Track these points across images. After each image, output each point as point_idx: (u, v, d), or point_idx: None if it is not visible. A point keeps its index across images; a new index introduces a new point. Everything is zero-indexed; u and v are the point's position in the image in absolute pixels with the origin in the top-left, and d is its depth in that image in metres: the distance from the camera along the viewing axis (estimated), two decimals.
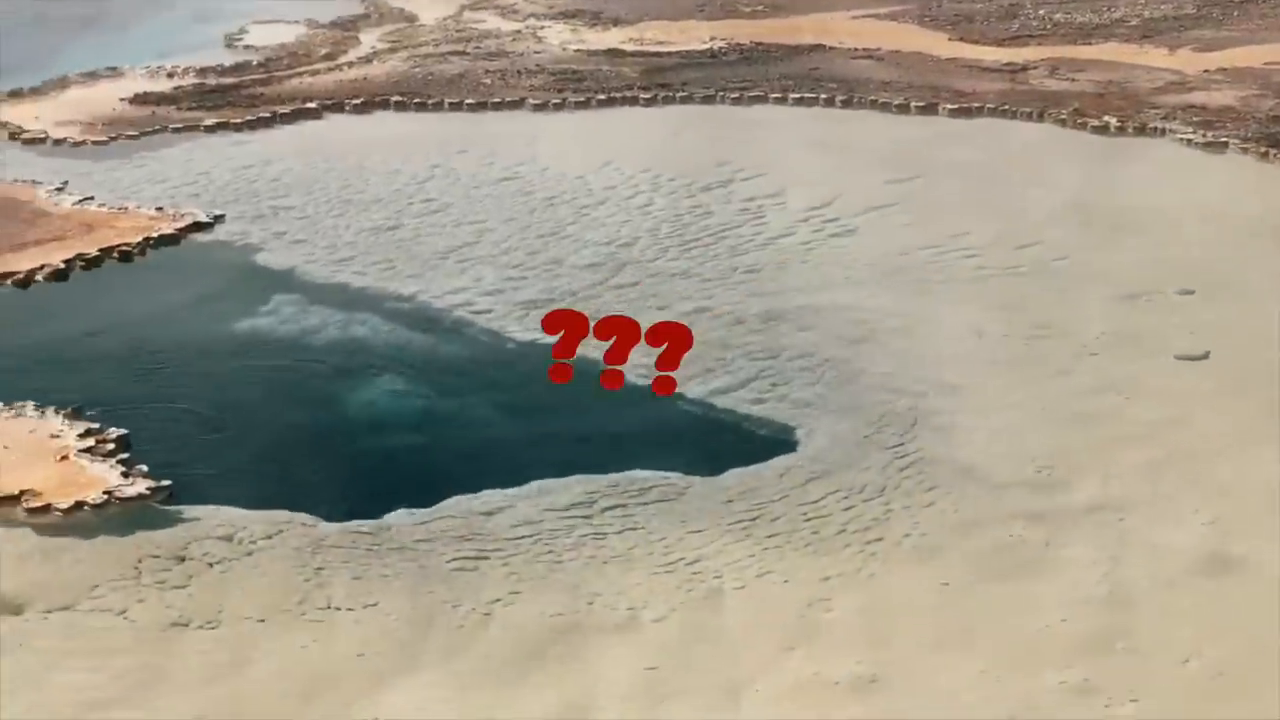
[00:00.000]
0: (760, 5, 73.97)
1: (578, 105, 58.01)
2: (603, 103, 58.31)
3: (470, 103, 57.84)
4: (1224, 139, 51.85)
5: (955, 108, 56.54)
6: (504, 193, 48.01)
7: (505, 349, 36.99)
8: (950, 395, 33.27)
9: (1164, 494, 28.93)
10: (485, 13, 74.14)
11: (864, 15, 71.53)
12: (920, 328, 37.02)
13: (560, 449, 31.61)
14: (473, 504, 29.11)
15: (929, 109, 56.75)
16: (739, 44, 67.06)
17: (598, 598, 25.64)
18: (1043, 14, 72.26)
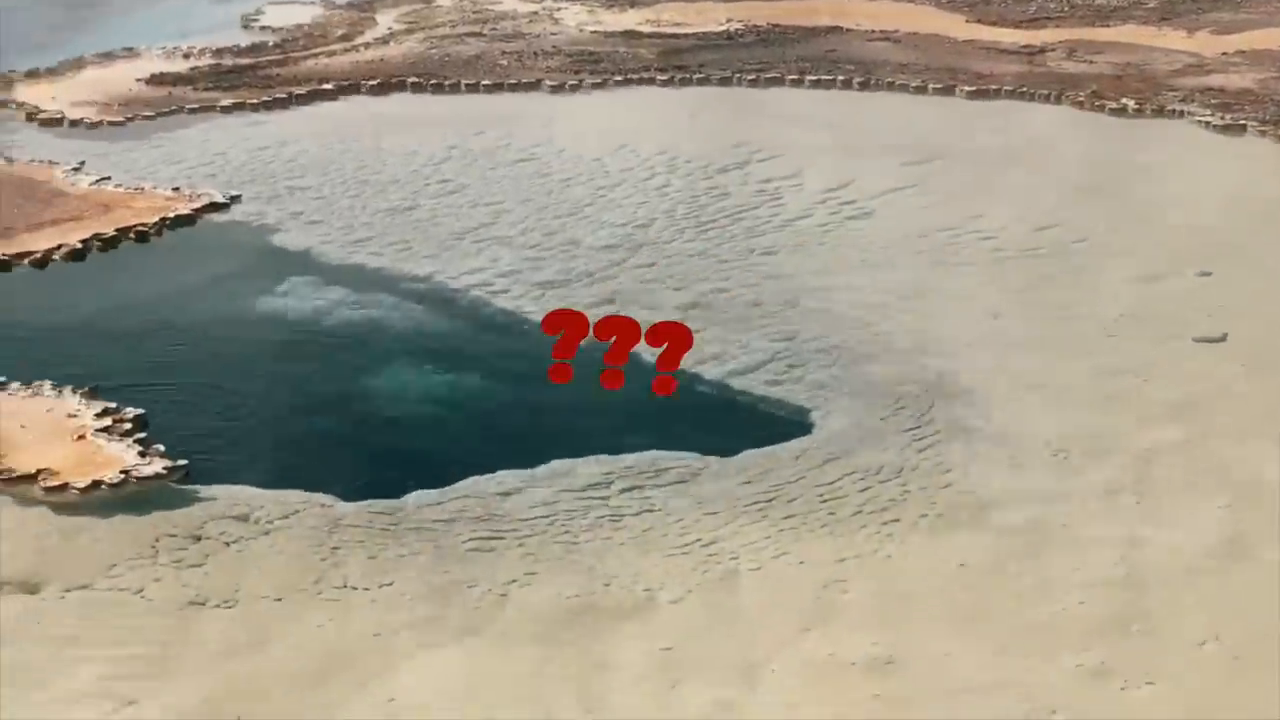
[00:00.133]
0: None
1: (594, 87, 57.99)
2: (619, 84, 58.31)
3: (487, 84, 57.83)
4: (1242, 121, 51.73)
5: (973, 90, 56.45)
6: (521, 174, 47.99)
7: (522, 329, 36.94)
8: (967, 377, 33.17)
9: (1181, 476, 28.84)
10: None
11: None
12: (937, 310, 36.95)
13: (577, 430, 31.55)
14: (489, 485, 29.05)
15: (946, 91, 56.68)
16: (756, 26, 67.05)
17: (614, 579, 25.60)
18: None
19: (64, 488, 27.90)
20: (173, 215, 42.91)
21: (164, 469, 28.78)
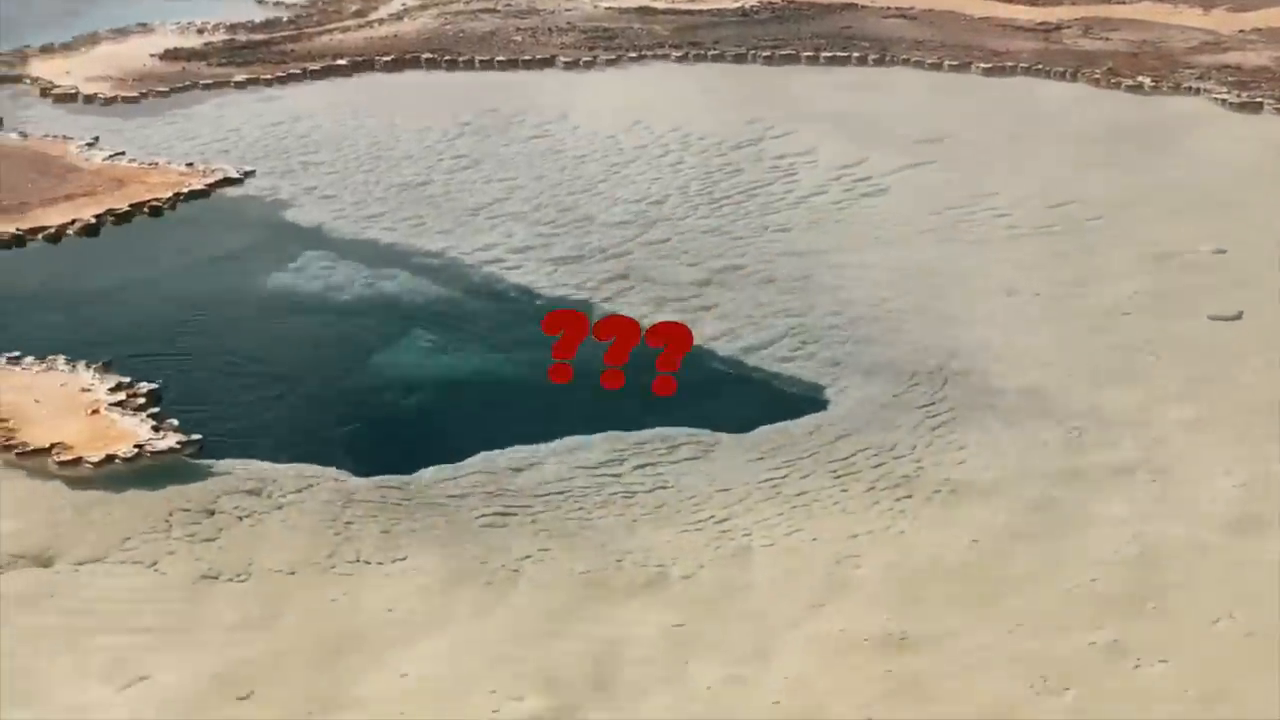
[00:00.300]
0: None
1: (609, 63, 57.86)
2: (633, 61, 58.17)
3: (501, 60, 57.70)
4: (1259, 99, 51.47)
5: (988, 67, 56.25)
6: (534, 150, 47.92)
7: (535, 305, 36.93)
8: (982, 354, 33.13)
9: (1197, 454, 28.75)
10: None
11: None
12: (952, 286, 36.87)
13: (590, 405, 31.54)
14: (502, 460, 29.04)
15: (962, 68, 56.48)
16: (771, 2, 66.79)
17: (626, 555, 25.60)
18: None
19: (78, 462, 27.94)
20: (186, 190, 42.91)
21: (178, 443, 28.80)
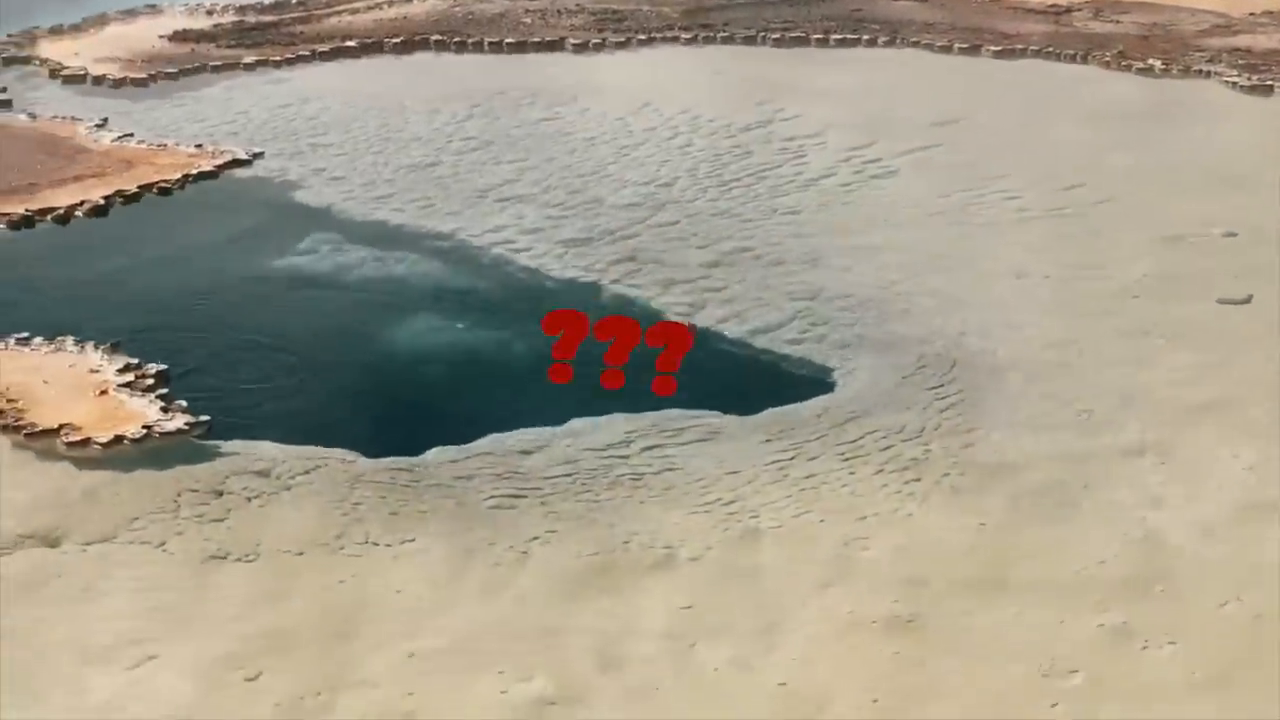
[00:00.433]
0: None
1: (618, 45, 57.76)
2: (643, 42, 58.08)
3: (510, 42, 57.61)
4: (1269, 82, 51.35)
5: (999, 49, 56.14)
6: (543, 132, 47.88)
7: (544, 287, 36.92)
8: (991, 336, 33.09)
9: (1205, 438, 28.71)
10: None
11: None
12: (961, 269, 36.82)
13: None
14: (510, 442, 29.02)
15: (972, 50, 56.36)
16: None
17: (634, 537, 25.58)
18: None
19: (86, 443, 27.95)
20: (195, 172, 42.89)
21: (186, 424, 28.82)
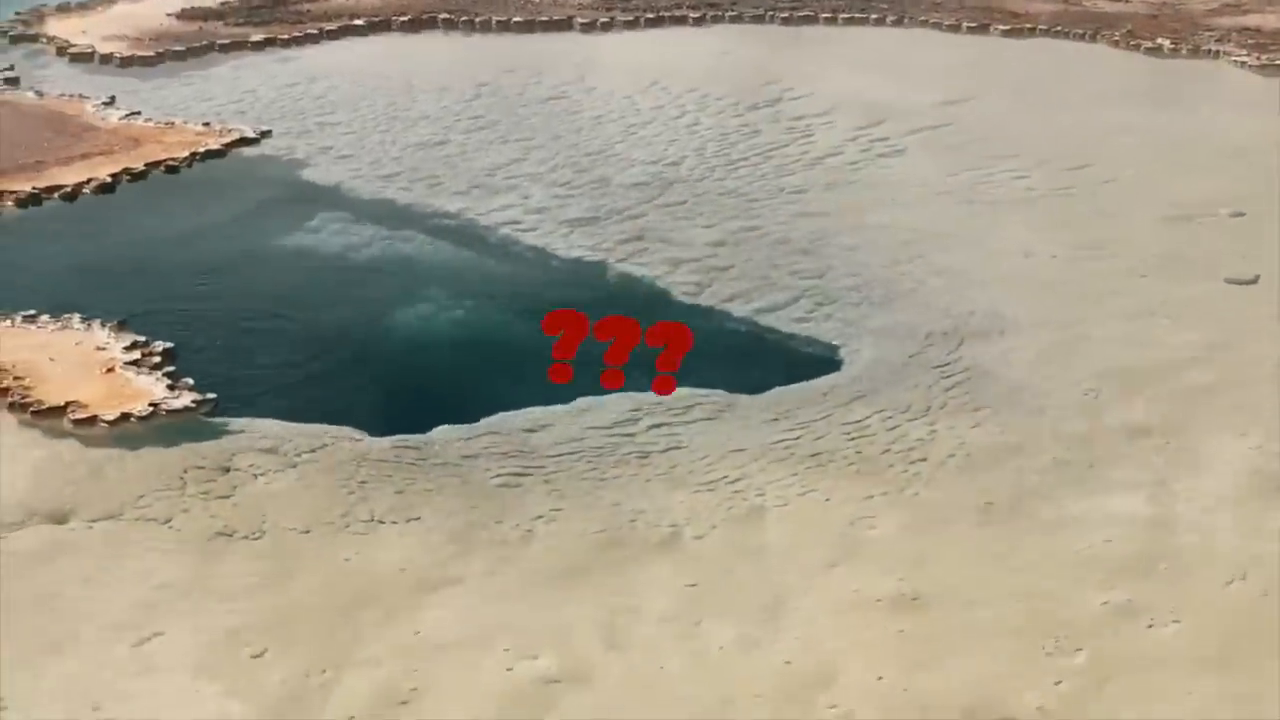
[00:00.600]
0: None
1: (626, 25, 57.73)
2: (651, 22, 58.05)
3: (518, 21, 57.59)
4: (1278, 62, 51.23)
5: (1007, 28, 56.09)
6: (551, 111, 47.87)
7: (551, 266, 36.93)
8: (997, 315, 33.05)
9: (1211, 417, 28.65)
10: None
11: None
12: (968, 248, 36.79)
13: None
14: (516, 421, 29.00)
15: (981, 29, 56.31)
16: None
17: (640, 515, 25.57)
18: None
19: (93, 420, 27.95)
20: (203, 150, 42.88)
21: (193, 402, 28.80)
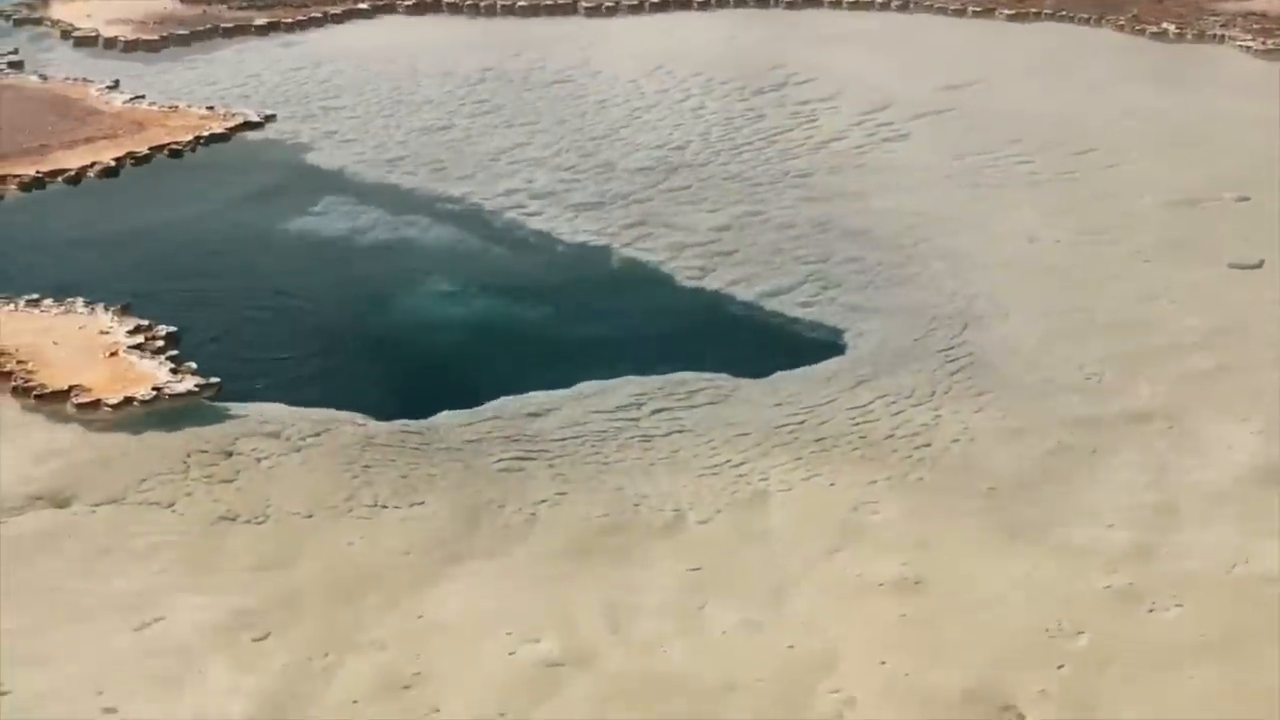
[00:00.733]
0: None
1: (630, 9, 57.65)
2: (655, 6, 58.00)
3: (523, 5, 57.53)
4: None
5: (1012, 13, 56.03)
6: (556, 96, 47.84)
7: (555, 250, 36.92)
8: (1001, 300, 33.02)
9: (1214, 402, 28.62)
10: None
11: None
12: (972, 232, 36.75)
13: (608, 351, 31.55)
14: (520, 405, 28.95)
15: (986, 13, 56.26)
16: None
17: (644, 500, 25.55)
18: None
19: (96, 404, 27.91)
20: (207, 134, 42.83)
21: (196, 386, 28.74)
